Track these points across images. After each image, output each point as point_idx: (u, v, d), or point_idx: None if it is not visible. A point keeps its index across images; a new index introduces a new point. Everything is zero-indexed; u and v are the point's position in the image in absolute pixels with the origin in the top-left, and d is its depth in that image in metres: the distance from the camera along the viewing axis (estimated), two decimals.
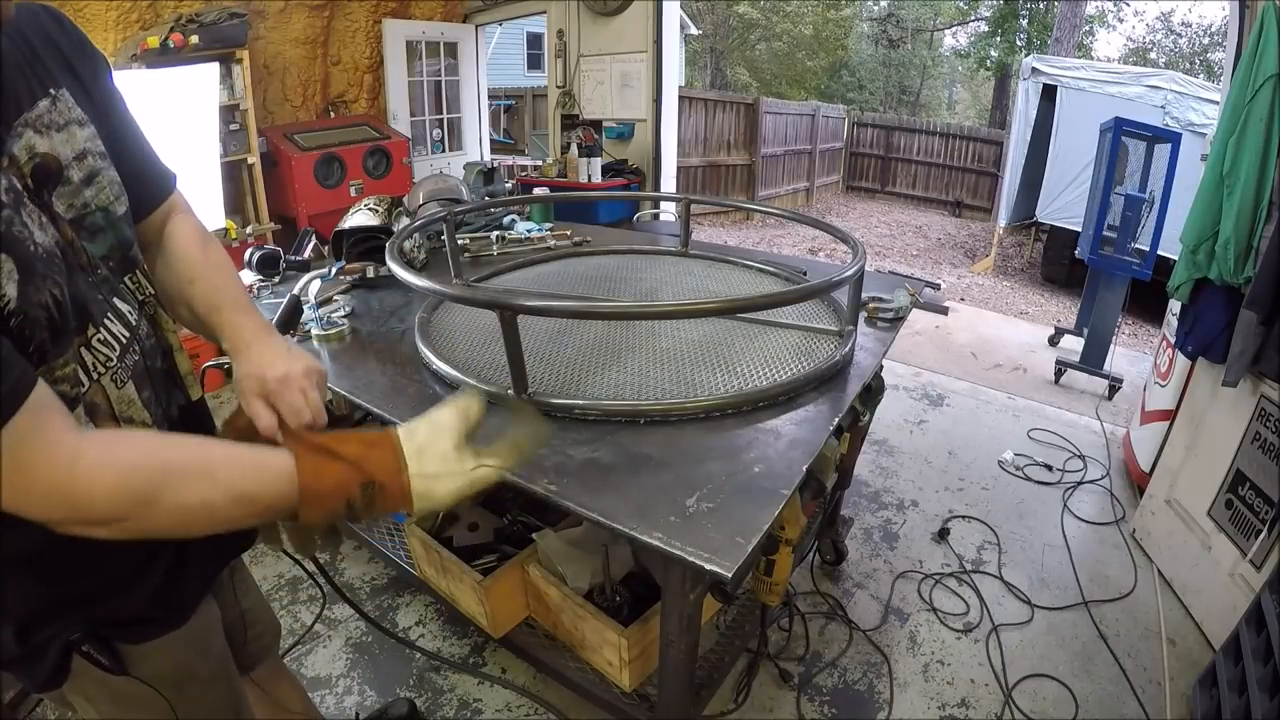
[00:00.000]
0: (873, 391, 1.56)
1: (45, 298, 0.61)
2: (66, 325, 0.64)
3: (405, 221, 2.20)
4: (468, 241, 2.22)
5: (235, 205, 3.98)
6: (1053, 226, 6.94)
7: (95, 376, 0.68)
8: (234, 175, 3.94)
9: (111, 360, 0.70)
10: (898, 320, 1.64)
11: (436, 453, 0.70)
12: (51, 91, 0.67)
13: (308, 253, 2.34)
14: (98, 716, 0.79)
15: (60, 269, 0.64)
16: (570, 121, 5.02)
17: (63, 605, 0.72)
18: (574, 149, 4.68)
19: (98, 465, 0.57)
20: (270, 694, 1.18)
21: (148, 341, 0.77)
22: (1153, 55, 16.48)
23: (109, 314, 0.71)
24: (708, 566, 0.83)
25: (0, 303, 0.56)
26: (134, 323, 0.74)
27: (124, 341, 0.72)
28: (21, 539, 0.64)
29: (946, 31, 19.75)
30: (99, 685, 0.77)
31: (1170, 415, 2.45)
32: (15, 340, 0.58)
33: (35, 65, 0.67)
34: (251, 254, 2.06)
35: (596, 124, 4.95)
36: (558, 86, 5.17)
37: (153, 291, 0.80)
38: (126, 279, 0.75)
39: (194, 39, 3.47)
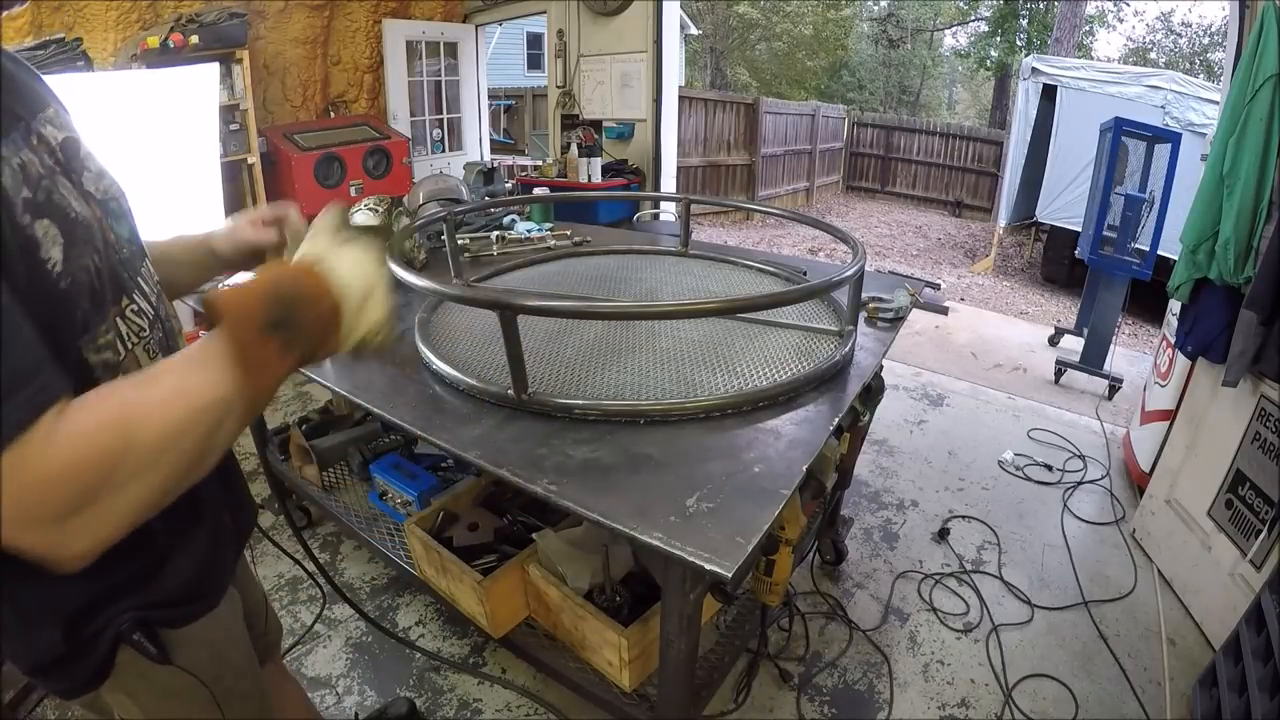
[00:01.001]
0: (873, 391, 1.56)
1: (88, 262, 0.63)
2: (105, 293, 0.66)
3: (405, 221, 2.20)
4: (468, 241, 2.22)
5: (235, 205, 3.97)
6: (1053, 226, 6.94)
7: (130, 346, 0.70)
8: (234, 175, 3.94)
9: (144, 330, 0.73)
10: (898, 320, 1.64)
11: (319, 240, 0.70)
12: (52, 105, 0.72)
13: None
14: (140, 714, 0.79)
15: (98, 238, 0.66)
16: (570, 121, 5.02)
17: (114, 591, 0.72)
18: (574, 149, 4.68)
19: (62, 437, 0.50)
20: (275, 695, 1.18)
21: (168, 323, 0.80)
22: (1153, 55, 16.48)
23: (136, 290, 0.74)
24: (708, 566, 0.83)
25: (48, 265, 0.57)
26: (154, 303, 0.77)
27: (150, 317, 0.75)
28: None
29: (946, 31, 19.76)
30: (141, 679, 0.76)
31: (1170, 415, 2.45)
32: (63, 306, 0.59)
33: (32, 77, 0.72)
34: None
35: (596, 124, 4.95)
36: (558, 86, 5.18)
37: (158, 279, 0.83)
38: (143, 265, 0.79)
39: (194, 39, 3.47)
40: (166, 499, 0.56)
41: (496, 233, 2.29)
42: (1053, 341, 4.52)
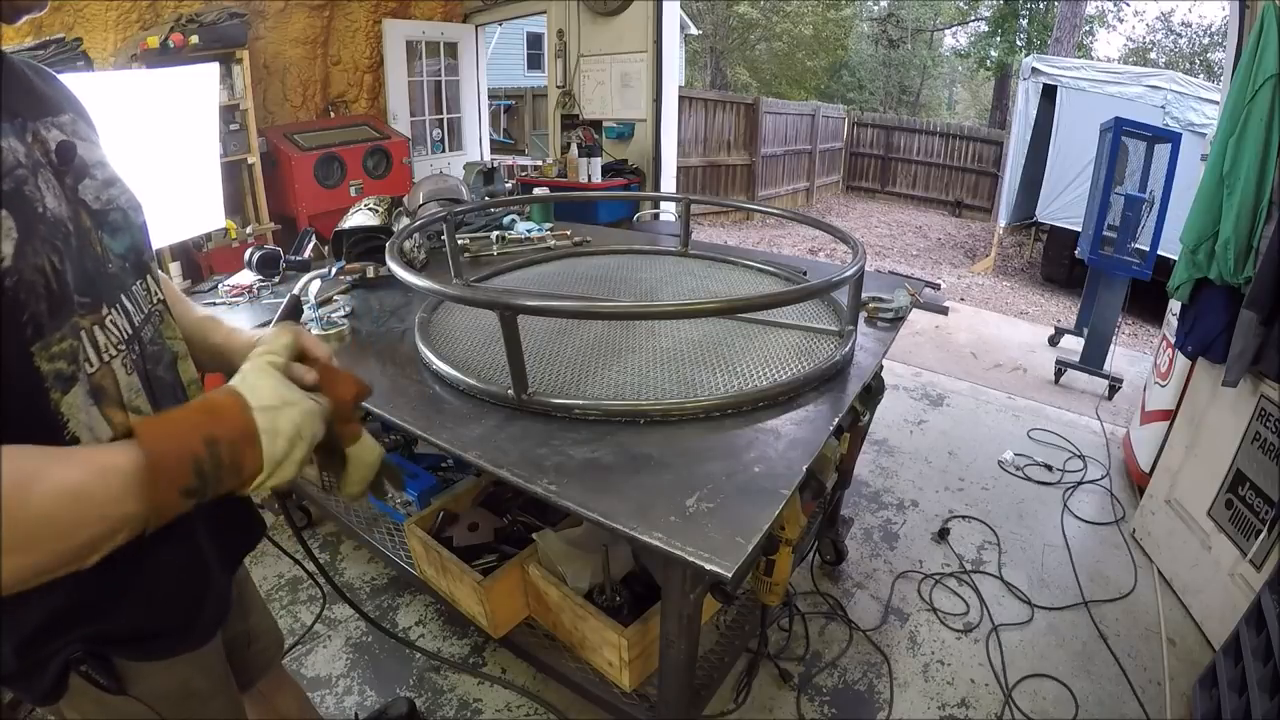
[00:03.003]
0: (873, 391, 1.56)
1: (43, 262, 0.59)
2: (66, 297, 0.62)
3: (405, 221, 2.20)
4: (468, 241, 2.22)
5: (235, 205, 3.97)
6: (1053, 226, 6.94)
7: (106, 359, 0.67)
8: (234, 175, 3.94)
9: (123, 345, 0.70)
10: (898, 320, 1.64)
11: (268, 388, 0.64)
12: (70, 113, 0.72)
13: (308, 253, 2.34)
14: None
15: (66, 241, 0.63)
16: (570, 121, 5.03)
17: (65, 618, 0.70)
18: (574, 149, 4.68)
19: None
20: (270, 705, 1.18)
21: (151, 347, 0.76)
22: (1153, 55, 16.47)
23: (117, 305, 0.72)
24: (708, 566, 0.83)
25: None
26: (136, 324, 0.74)
27: (126, 338, 0.72)
28: None
29: (946, 31, 19.75)
30: (96, 703, 0.75)
31: (1170, 415, 2.45)
32: (9, 305, 0.55)
33: (55, 88, 0.73)
34: (251, 254, 2.06)
35: (596, 124, 4.95)
36: (558, 86, 5.18)
37: (161, 299, 0.80)
38: (137, 283, 0.76)
39: (194, 39, 3.47)
40: (33, 582, 0.52)
41: (496, 233, 2.29)
42: (1053, 341, 4.52)
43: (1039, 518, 2.55)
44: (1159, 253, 3.73)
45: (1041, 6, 14.70)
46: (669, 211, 4.75)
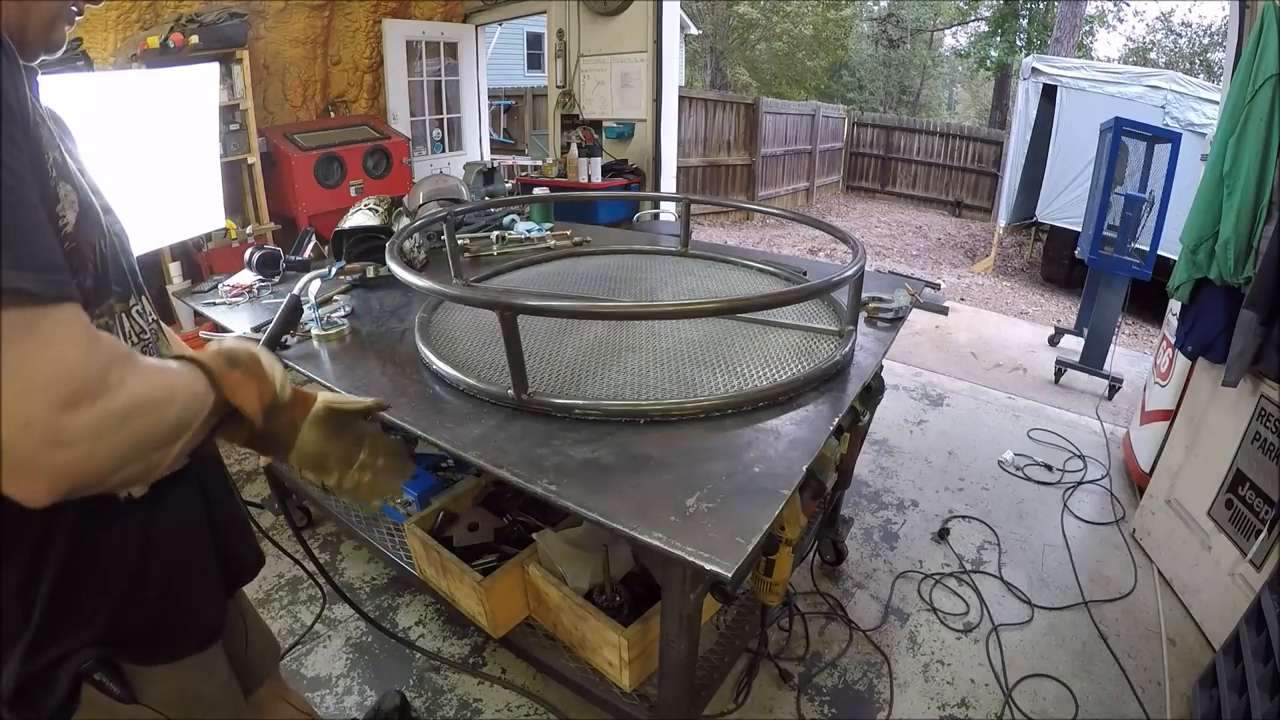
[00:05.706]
0: (873, 391, 1.56)
1: (95, 241, 0.66)
2: (107, 279, 0.69)
3: (405, 221, 2.20)
4: (468, 241, 2.22)
5: (235, 205, 3.97)
6: (1053, 226, 6.94)
7: (130, 345, 0.72)
8: (234, 175, 3.93)
9: (146, 334, 0.76)
10: (898, 320, 1.64)
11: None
12: (71, 146, 0.76)
13: (308, 253, 2.34)
14: None
15: (107, 233, 0.70)
16: (570, 121, 5.03)
17: (80, 619, 0.69)
18: (574, 149, 4.68)
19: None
20: (269, 712, 1.17)
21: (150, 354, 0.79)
22: (1153, 55, 16.47)
23: (136, 308, 0.77)
24: (708, 566, 0.83)
25: (60, 222, 0.61)
26: (147, 333, 0.78)
27: (146, 329, 0.77)
28: (37, 541, 0.65)
29: (946, 31, 19.76)
30: (108, 715, 0.74)
31: (1170, 415, 2.45)
32: None
33: (68, 135, 0.77)
34: (251, 254, 2.06)
35: (596, 124, 4.95)
36: (558, 86, 5.18)
37: (155, 320, 0.83)
38: (132, 301, 0.78)
39: (194, 39, 3.47)
40: (132, 462, 0.56)
41: (496, 233, 2.29)
42: (1053, 341, 4.52)
43: (1039, 518, 2.55)
44: (1159, 253, 3.73)
45: (1041, 6, 14.70)
46: (669, 211, 4.75)
